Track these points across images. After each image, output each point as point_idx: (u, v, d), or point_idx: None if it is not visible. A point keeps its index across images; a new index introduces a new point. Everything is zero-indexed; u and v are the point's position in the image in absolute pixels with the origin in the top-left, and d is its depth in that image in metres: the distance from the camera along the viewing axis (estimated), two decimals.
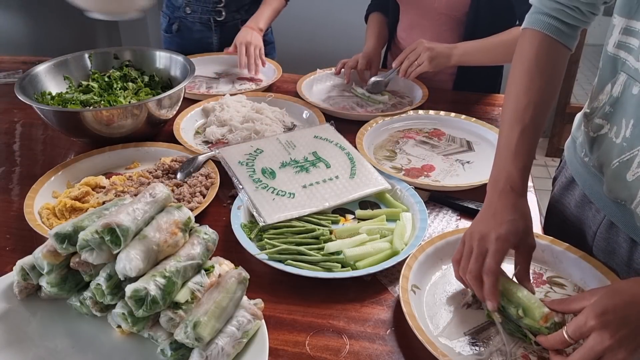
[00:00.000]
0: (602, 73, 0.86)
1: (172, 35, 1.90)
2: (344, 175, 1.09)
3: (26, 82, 1.26)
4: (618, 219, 0.87)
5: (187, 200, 1.03)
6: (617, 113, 0.82)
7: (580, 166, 0.96)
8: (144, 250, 0.70)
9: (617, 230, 0.89)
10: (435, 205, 1.07)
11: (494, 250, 0.76)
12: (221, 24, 1.86)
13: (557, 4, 0.87)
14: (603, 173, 0.88)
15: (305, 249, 0.90)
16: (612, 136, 0.84)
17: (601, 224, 0.92)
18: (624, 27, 0.80)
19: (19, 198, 1.08)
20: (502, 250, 0.77)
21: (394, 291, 0.87)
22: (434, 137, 1.30)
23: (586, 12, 0.87)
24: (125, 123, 1.17)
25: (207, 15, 1.84)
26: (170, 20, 1.88)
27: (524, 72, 0.87)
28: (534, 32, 0.89)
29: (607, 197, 0.88)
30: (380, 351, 0.76)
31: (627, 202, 0.83)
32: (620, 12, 0.80)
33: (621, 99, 0.81)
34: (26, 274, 0.76)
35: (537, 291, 0.85)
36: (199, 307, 0.70)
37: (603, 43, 0.87)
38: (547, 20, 0.88)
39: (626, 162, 0.81)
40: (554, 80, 0.87)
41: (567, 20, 0.87)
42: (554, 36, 0.87)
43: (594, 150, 0.90)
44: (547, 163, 3.22)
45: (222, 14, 1.83)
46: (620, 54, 0.81)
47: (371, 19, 1.70)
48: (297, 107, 1.41)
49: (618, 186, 0.83)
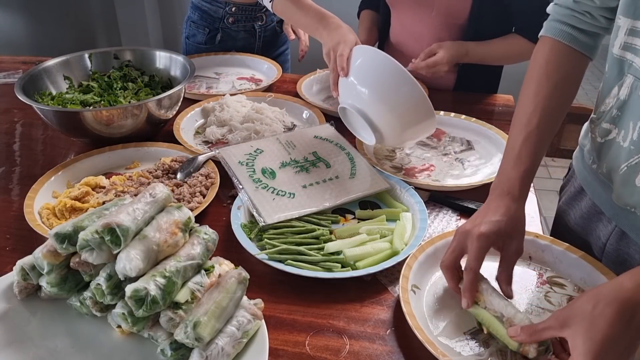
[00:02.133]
0: (608, 76, 0.85)
1: (212, 46, 1.85)
2: (344, 175, 1.09)
3: (26, 82, 1.25)
4: (628, 227, 0.86)
5: (187, 200, 1.03)
6: (625, 116, 0.81)
7: (588, 174, 0.95)
8: (144, 250, 0.70)
9: (628, 242, 0.87)
10: (435, 205, 1.07)
11: (472, 248, 0.77)
12: (264, 29, 1.86)
13: (568, 10, 0.87)
14: (612, 180, 0.86)
15: (305, 249, 0.90)
16: (619, 140, 0.82)
17: (611, 235, 0.90)
18: (629, 28, 0.78)
19: (19, 198, 1.08)
20: (480, 247, 0.77)
21: (394, 291, 0.87)
22: (434, 137, 1.30)
23: (599, 17, 0.85)
24: (125, 123, 1.17)
25: (251, 23, 1.83)
26: (211, 32, 1.83)
27: (533, 78, 0.87)
28: (546, 39, 0.90)
29: (616, 204, 0.86)
30: (380, 351, 0.76)
31: (636, 208, 0.82)
32: (625, 12, 0.78)
33: (628, 101, 0.80)
34: (26, 274, 0.76)
35: (537, 291, 0.85)
36: (199, 307, 0.70)
37: (603, 42, 0.87)
38: (560, 27, 0.88)
39: (634, 166, 0.79)
40: (565, 86, 0.87)
41: (580, 26, 0.87)
42: (567, 42, 0.87)
43: (602, 157, 0.88)
44: (547, 163, 3.22)
45: (264, 18, 1.83)
46: (626, 55, 0.79)
47: (362, 16, 1.71)
48: (297, 107, 1.41)
49: (627, 192, 0.82)
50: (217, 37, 1.84)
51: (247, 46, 1.86)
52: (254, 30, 1.84)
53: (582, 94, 3.88)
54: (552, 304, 0.83)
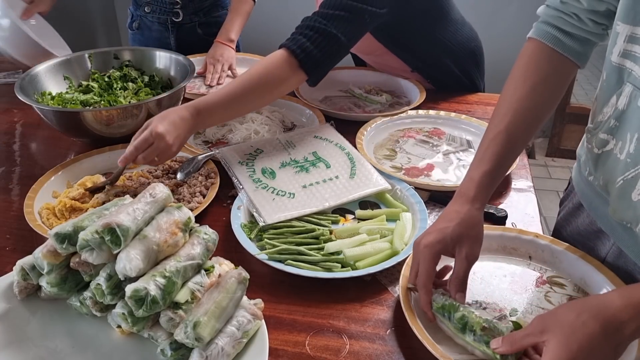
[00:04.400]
0: (606, 85, 0.80)
1: (134, 32, 1.91)
2: (344, 175, 1.09)
3: (26, 82, 1.26)
4: (624, 243, 0.82)
5: (187, 200, 1.03)
6: (623, 127, 0.77)
7: (585, 186, 0.91)
8: (144, 250, 0.70)
9: (625, 260, 0.84)
10: (435, 205, 1.07)
11: (420, 261, 0.77)
12: (178, 25, 1.85)
13: (556, 11, 0.84)
14: (609, 192, 0.82)
15: (305, 249, 0.90)
16: (617, 152, 0.78)
17: (609, 252, 0.87)
18: (628, 34, 0.73)
19: (19, 198, 1.08)
20: (425, 259, 0.76)
21: (394, 291, 0.87)
22: (434, 136, 1.30)
23: (586, 20, 0.82)
24: (125, 123, 1.17)
25: (165, 16, 1.83)
26: (133, 17, 1.89)
27: (511, 79, 0.85)
28: (531, 40, 0.87)
29: (612, 219, 0.82)
30: (380, 351, 0.76)
31: (632, 224, 0.77)
32: (624, 19, 0.74)
33: (627, 111, 0.75)
34: (26, 274, 0.76)
35: (537, 291, 0.85)
36: (199, 307, 0.70)
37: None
38: (545, 28, 0.85)
39: (630, 180, 0.75)
40: (543, 89, 0.83)
41: (567, 28, 0.83)
42: (551, 45, 0.84)
43: (598, 168, 0.84)
44: (547, 163, 3.22)
45: (180, 15, 1.82)
46: (625, 63, 0.75)
47: None
48: (297, 107, 1.41)
49: (623, 206, 0.78)
50: (135, 23, 1.88)
51: (161, 39, 1.88)
52: (167, 25, 1.85)
53: (582, 93, 3.88)
54: (552, 304, 0.83)
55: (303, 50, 1.14)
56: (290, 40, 1.16)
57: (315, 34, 1.15)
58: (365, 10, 1.18)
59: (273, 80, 1.14)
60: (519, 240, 0.92)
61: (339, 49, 1.19)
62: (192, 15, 1.85)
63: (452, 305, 0.74)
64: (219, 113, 1.09)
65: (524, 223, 1.01)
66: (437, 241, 0.76)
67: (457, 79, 1.52)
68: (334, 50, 1.17)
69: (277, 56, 1.14)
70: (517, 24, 2.83)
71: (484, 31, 1.65)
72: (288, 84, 1.17)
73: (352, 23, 1.18)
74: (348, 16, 1.17)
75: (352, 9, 1.17)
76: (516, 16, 2.84)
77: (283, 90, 1.18)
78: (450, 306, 0.74)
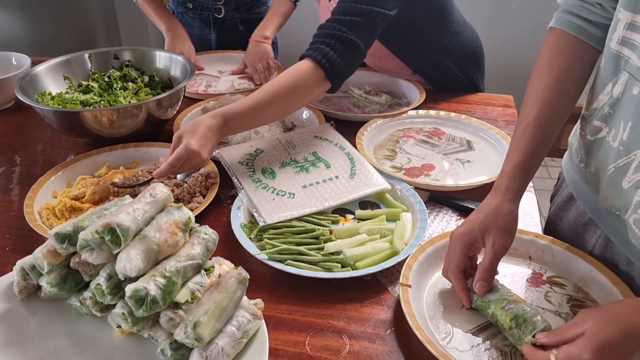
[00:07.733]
0: (603, 72, 0.81)
1: None
2: (344, 175, 1.09)
3: (26, 82, 1.26)
4: (612, 231, 0.83)
5: (187, 200, 1.03)
6: (616, 115, 0.78)
7: (575, 173, 0.93)
8: (144, 250, 0.70)
9: (612, 251, 0.85)
10: (435, 205, 1.07)
11: (449, 250, 0.81)
12: (220, 22, 1.86)
13: (578, 1, 0.84)
14: (599, 180, 0.83)
15: (305, 249, 0.90)
16: (609, 140, 0.79)
17: (597, 243, 0.88)
18: (628, 22, 0.74)
19: (19, 198, 1.08)
20: (454, 249, 0.80)
21: (394, 291, 0.87)
22: (434, 136, 1.30)
23: (609, 9, 0.81)
24: (125, 123, 1.17)
25: (207, 12, 1.84)
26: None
27: (537, 71, 0.86)
28: (554, 30, 0.87)
29: (602, 206, 0.83)
30: (380, 351, 0.76)
31: (621, 211, 0.79)
32: (626, 5, 0.74)
33: (621, 99, 0.76)
34: (26, 274, 0.76)
35: (537, 291, 0.85)
36: (199, 307, 0.70)
37: None
38: (568, 17, 0.85)
39: (622, 167, 0.76)
40: (569, 78, 0.84)
41: (590, 17, 0.83)
42: (575, 34, 0.84)
43: (591, 155, 0.85)
44: (548, 163, 3.22)
45: (222, 11, 1.83)
46: (623, 51, 0.75)
47: None
48: None
49: (613, 194, 0.79)
50: None
51: (202, 36, 1.87)
52: (209, 21, 1.85)
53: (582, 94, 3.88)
54: (552, 304, 0.83)
55: (328, 60, 1.14)
56: (314, 50, 1.16)
57: (338, 43, 1.15)
58: (378, 13, 1.19)
59: (299, 92, 1.14)
60: (519, 240, 0.91)
61: (359, 56, 1.20)
62: (233, 12, 1.85)
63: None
64: (245, 123, 1.11)
65: (524, 223, 1.01)
66: (467, 232, 0.80)
67: (458, 81, 1.53)
68: (355, 58, 1.19)
69: (304, 67, 1.14)
70: (517, 24, 2.84)
71: (484, 31, 1.65)
72: (313, 94, 1.18)
73: (368, 28, 1.19)
74: (364, 22, 1.18)
75: (367, 14, 1.18)
76: (516, 16, 2.84)
77: (307, 100, 1.20)
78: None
